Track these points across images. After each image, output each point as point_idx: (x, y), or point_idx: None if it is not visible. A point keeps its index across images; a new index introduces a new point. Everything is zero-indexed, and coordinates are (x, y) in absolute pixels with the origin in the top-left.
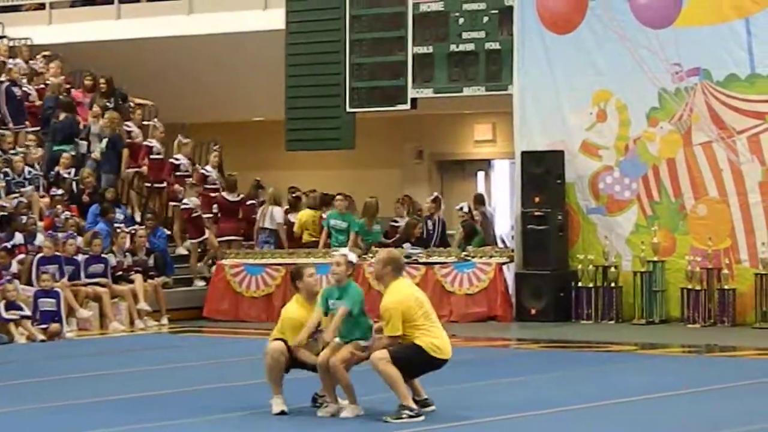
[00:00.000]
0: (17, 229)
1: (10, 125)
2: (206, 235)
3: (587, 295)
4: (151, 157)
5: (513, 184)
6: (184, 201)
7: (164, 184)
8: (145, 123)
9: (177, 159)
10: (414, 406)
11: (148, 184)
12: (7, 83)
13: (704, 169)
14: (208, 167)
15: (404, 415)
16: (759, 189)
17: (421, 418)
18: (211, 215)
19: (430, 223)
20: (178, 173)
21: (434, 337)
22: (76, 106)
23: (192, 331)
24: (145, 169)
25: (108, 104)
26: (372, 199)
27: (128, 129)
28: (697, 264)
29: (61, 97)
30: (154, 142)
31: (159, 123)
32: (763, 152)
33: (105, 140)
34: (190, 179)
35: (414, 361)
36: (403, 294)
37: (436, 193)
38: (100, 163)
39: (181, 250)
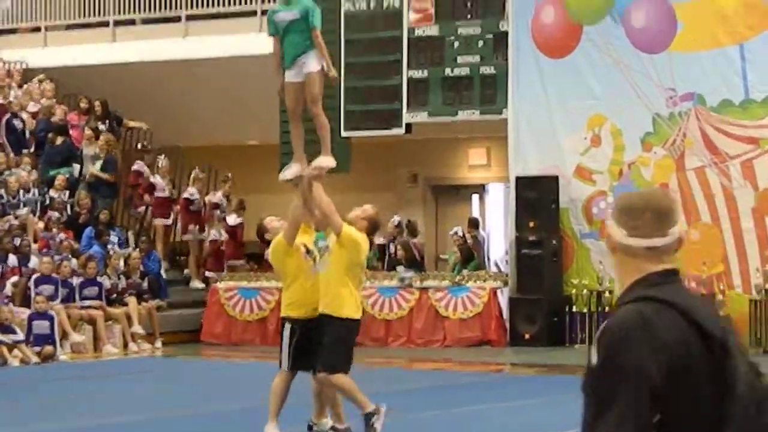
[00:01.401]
0: (9, 251)
1: (11, 156)
2: (225, 271)
3: (581, 319)
4: (156, 194)
5: (507, 209)
6: (213, 233)
7: (169, 221)
8: (140, 146)
9: (191, 194)
10: (374, 407)
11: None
12: (8, 116)
13: (697, 194)
14: (219, 194)
15: (375, 424)
16: (752, 214)
17: (384, 408)
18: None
19: (391, 246)
20: (192, 208)
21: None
22: (72, 129)
23: (185, 354)
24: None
25: (102, 127)
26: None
27: (140, 169)
28: (690, 289)
29: (54, 120)
30: (158, 180)
31: (165, 161)
32: (756, 177)
33: (99, 162)
34: (217, 211)
35: (352, 344)
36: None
37: (399, 218)
38: (94, 185)
39: (197, 284)
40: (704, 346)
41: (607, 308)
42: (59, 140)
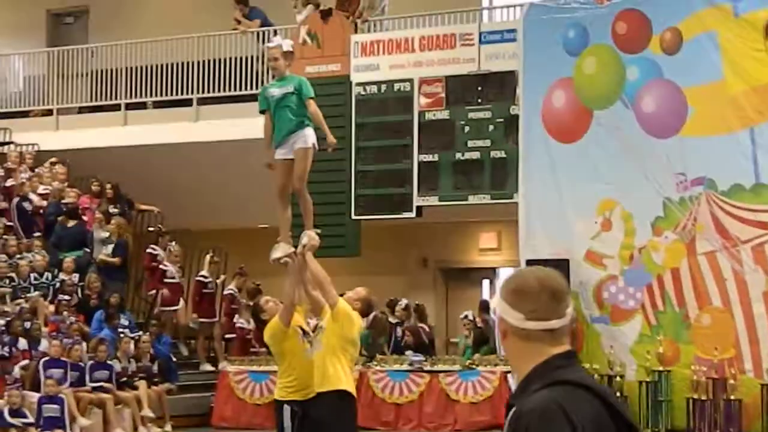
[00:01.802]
0: (19, 334)
1: (24, 240)
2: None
3: None
4: (165, 280)
5: None
6: (241, 321)
7: (178, 307)
8: (150, 229)
9: (205, 277)
10: None
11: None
12: (18, 199)
13: (708, 279)
14: (233, 285)
15: None
16: (763, 299)
17: None
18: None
19: (399, 329)
20: (205, 290)
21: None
22: (84, 212)
23: None
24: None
25: (114, 210)
26: (383, 315)
27: (154, 252)
28: (702, 374)
29: (65, 203)
30: (169, 266)
31: (176, 247)
32: (767, 262)
33: (110, 246)
34: (244, 300)
35: (351, 419)
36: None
37: (406, 301)
38: (104, 269)
39: (207, 367)
40: (615, 427)
41: (618, 393)
42: (71, 223)
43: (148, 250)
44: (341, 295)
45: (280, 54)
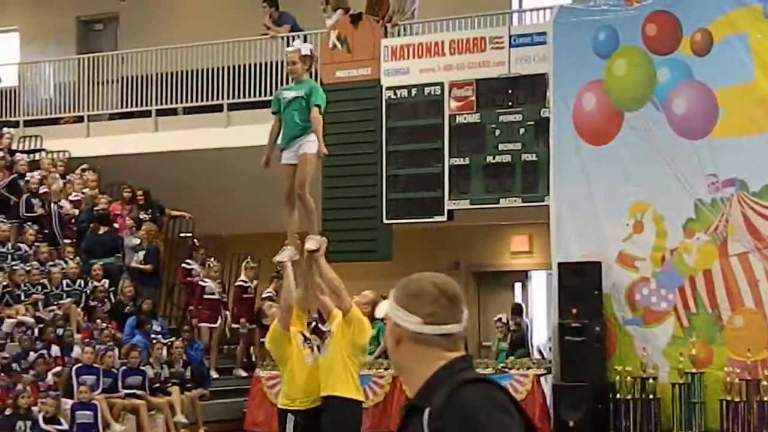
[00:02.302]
0: (52, 341)
1: (59, 246)
2: None
3: (625, 407)
4: (205, 296)
5: (550, 296)
6: None
7: (217, 324)
8: (182, 235)
9: (245, 281)
10: None
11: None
12: (55, 206)
13: (741, 280)
14: (271, 290)
15: None
16: None
17: None
18: None
19: None
20: (245, 295)
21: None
22: (116, 219)
23: None
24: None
25: (144, 216)
26: None
27: (188, 266)
28: (735, 375)
29: (97, 210)
30: (208, 282)
31: (215, 263)
32: None
33: (142, 253)
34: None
35: (355, 426)
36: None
37: None
38: (137, 275)
39: (240, 372)
40: (523, 424)
41: (651, 396)
42: (102, 230)
43: (183, 264)
44: None
45: (298, 58)
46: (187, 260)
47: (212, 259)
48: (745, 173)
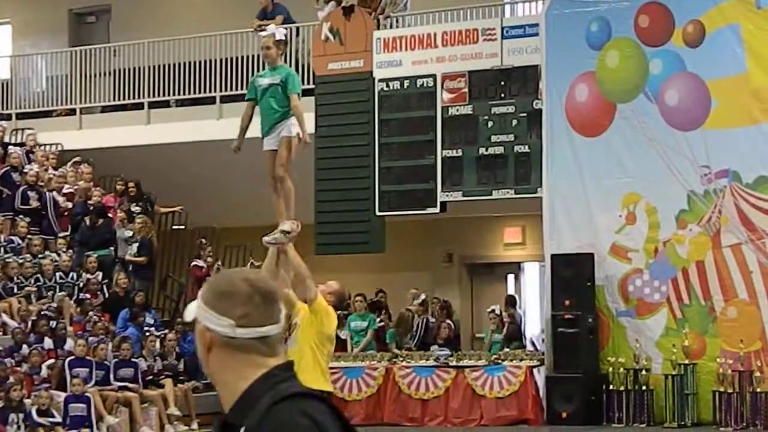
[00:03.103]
0: (45, 334)
1: (60, 234)
2: None
3: (618, 398)
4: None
5: (543, 287)
6: None
7: None
8: (175, 227)
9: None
10: None
11: None
12: (53, 192)
13: (733, 272)
14: None
15: None
16: None
17: None
18: None
19: (415, 321)
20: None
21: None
22: (109, 211)
23: None
24: None
25: (136, 209)
26: (408, 313)
27: (200, 265)
28: (728, 366)
29: (91, 202)
30: (202, 263)
31: (223, 267)
32: None
33: (135, 245)
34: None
35: None
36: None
37: (423, 296)
38: (129, 266)
39: None
40: None
41: (644, 387)
42: (98, 222)
43: (194, 263)
44: None
45: (272, 43)
46: (197, 259)
47: (219, 262)
48: (738, 164)
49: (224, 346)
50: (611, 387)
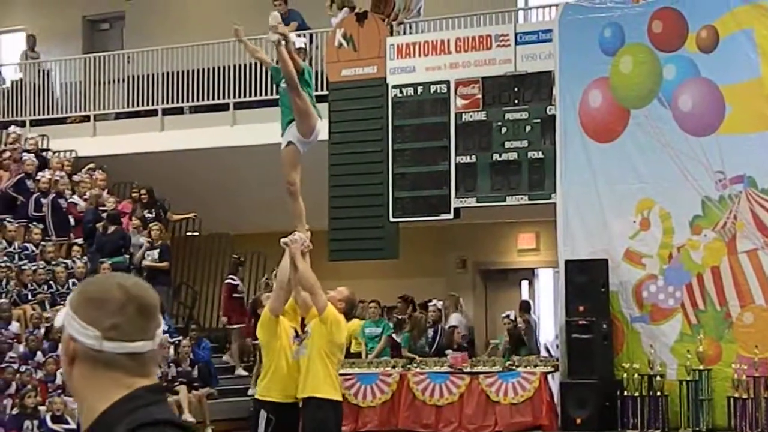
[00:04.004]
0: (58, 341)
1: (53, 237)
2: None
3: (633, 404)
4: (234, 295)
5: (557, 293)
6: None
7: (245, 324)
8: (188, 234)
9: (233, 280)
10: None
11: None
12: (54, 195)
13: (750, 277)
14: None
15: None
16: None
17: None
18: None
19: (431, 331)
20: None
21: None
22: (123, 218)
23: None
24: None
25: (149, 215)
26: (421, 315)
27: (234, 282)
28: (743, 372)
29: (104, 209)
30: (237, 280)
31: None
32: None
33: (156, 251)
34: None
35: (334, 428)
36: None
37: (438, 303)
38: (144, 273)
39: (241, 372)
40: None
41: (658, 393)
42: (111, 229)
43: (228, 280)
44: None
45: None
46: (232, 275)
47: (240, 269)
48: (753, 170)
49: (89, 359)
50: (626, 393)
